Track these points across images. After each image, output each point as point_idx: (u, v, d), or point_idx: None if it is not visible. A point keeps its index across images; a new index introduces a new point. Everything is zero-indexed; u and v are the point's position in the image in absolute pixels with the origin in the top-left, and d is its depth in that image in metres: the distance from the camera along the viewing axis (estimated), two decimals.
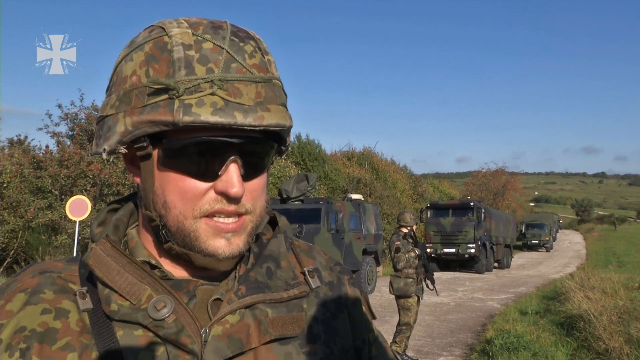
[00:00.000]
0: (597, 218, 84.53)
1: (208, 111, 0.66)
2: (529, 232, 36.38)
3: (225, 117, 0.66)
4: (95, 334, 0.70)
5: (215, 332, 0.71)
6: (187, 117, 0.65)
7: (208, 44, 0.68)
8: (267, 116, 0.68)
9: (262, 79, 0.70)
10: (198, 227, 0.71)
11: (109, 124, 0.72)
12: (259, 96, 0.69)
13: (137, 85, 0.69)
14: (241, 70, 0.69)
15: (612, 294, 9.13)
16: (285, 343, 0.75)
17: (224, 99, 0.67)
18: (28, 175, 13.34)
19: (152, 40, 0.70)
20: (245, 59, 0.69)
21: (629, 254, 27.81)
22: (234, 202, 0.71)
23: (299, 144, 24.14)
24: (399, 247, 6.46)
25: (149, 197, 0.73)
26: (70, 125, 15.61)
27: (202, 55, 0.68)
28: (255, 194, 0.74)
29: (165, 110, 0.66)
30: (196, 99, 0.66)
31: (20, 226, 12.59)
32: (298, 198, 12.53)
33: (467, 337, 8.51)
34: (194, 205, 0.70)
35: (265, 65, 0.72)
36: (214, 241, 0.71)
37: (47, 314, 0.70)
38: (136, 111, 0.68)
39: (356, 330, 0.86)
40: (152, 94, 0.68)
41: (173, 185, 0.71)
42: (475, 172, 45.66)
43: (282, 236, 0.84)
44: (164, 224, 0.72)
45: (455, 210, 20.80)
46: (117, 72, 0.73)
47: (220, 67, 0.67)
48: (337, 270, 0.90)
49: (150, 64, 0.69)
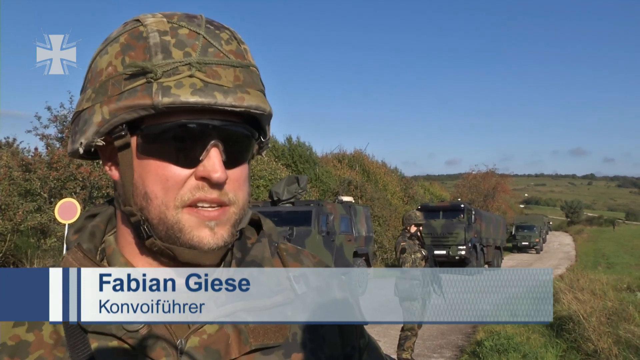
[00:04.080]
0: (587, 219, 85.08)
1: (187, 92, 0.65)
2: (519, 233, 36.51)
3: (205, 97, 0.65)
4: (69, 346, 0.68)
5: (192, 343, 0.69)
6: (167, 99, 0.64)
7: (184, 30, 0.68)
8: (247, 98, 0.68)
9: (239, 64, 0.69)
10: (181, 218, 0.68)
11: (85, 117, 0.70)
12: (238, 79, 0.68)
13: (113, 74, 0.68)
14: (219, 54, 0.68)
15: (601, 295, 9.19)
16: (267, 353, 0.72)
17: (203, 80, 0.66)
18: (17, 177, 13.22)
19: (127, 31, 0.70)
20: (222, 44, 0.69)
21: (618, 255, 28.00)
22: (216, 188, 0.69)
23: (290, 146, 24.11)
24: (405, 247, 6.21)
25: (129, 190, 0.70)
26: (59, 128, 15.49)
27: (178, 40, 0.67)
28: (236, 184, 0.72)
29: (143, 94, 0.65)
30: (175, 81, 0.65)
31: (9, 229, 12.47)
32: (289, 200, 12.52)
33: (458, 339, 8.53)
34: (175, 194, 0.68)
35: (242, 52, 0.71)
36: (199, 231, 0.69)
37: (20, 327, 0.68)
38: (113, 99, 0.67)
39: (345, 337, 0.83)
40: (129, 79, 0.66)
41: (153, 174, 0.68)
42: (466, 174, 45.80)
43: (267, 240, 0.82)
44: (145, 218, 0.70)
45: (445, 212, 20.84)
46: (92, 68, 0.72)
47: (198, 50, 0.67)
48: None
49: (126, 52, 0.68)
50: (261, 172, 18.87)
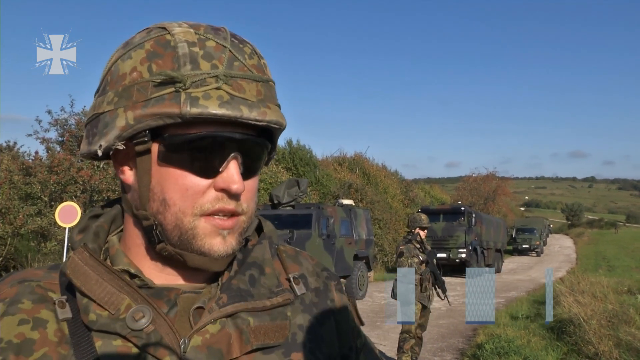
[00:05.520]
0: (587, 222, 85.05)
1: (215, 104, 0.66)
2: (520, 236, 36.44)
3: (232, 110, 0.67)
4: (73, 344, 0.68)
5: (195, 342, 0.69)
6: (195, 109, 0.66)
7: (211, 42, 0.70)
8: (269, 112, 0.70)
9: (261, 78, 0.71)
10: (197, 225, 0.70)
11: (106, 120, 0.71)
12: (260, 94, 0.71)
13: (139, 80, 0.69)
14: (243, 68, 0.70)
15: (602, 298, 9.16)
16: (268, 352, 0.74)
17: (230, 93, 0.68)
18: (17, 181, 13.23)
19: (153, 38, 0.71)
20: (246, 59, 0.71)
21: (619, 258, 27.94)
22: (233, 199, 0.71)
23: (290, 149, 24.11)
24: (403, 251, 6.20)
25: (145, 195, 0.72)
26: (60, 131, 15.51)
27: (206, 52, 0.69)
28: (249, 195, 0.75)
29: (171, 103, 0.67)
30: (202, 92, 0.67)
31: (9, 233, 12.47)
32: (289, 203, 12.52)
33: (458, 342, 8.52)
34: (194, 202, 0.70)
35: (262, 67, 0.73)
36: (211, 239, 0.71)
37: (25, 325, 0.69)
38: (139, 105, 0.68)
39: (343, 337, 0.84)
40: (157, 87, 0.68)
41: (173, 182, 0.70)
42: (466, 176, 45.82)
43: (267, 242, 0.83)
44: (159, 223, 0.71)
45: (446, 215, 20.83)
46: (112, 72, 0.73)
47: (224, 64, 0.69)
48: (324, 276, 0.88)
49: (152, 60, 0.69)
50: (261, 175, 18.84)
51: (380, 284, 16.74)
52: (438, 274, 6.41)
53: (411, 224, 6.42)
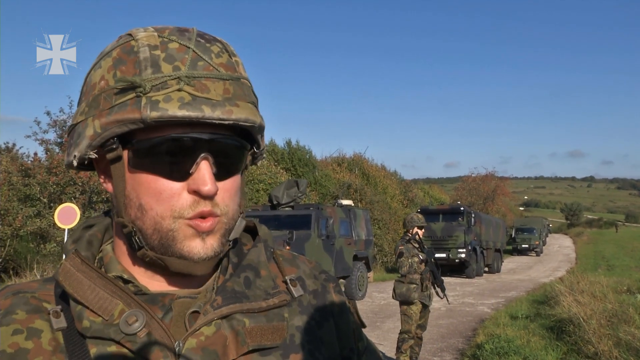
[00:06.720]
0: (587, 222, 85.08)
1: (175, 106, 0.66)
2: (519, 236, 36.47)
3: (193, 110, 0.66)
4: (68, 352, 0.68)
5: (189, 345, 0.69)
6: (155, 113, 0.65)
7: (174, 44, 0.69)
8: (235, 111, 0.68)
9: (229, 77, 0.70)
10: (176, 227, 0.70)
11: (79, 130, 0.72)
12: (227, 92, 0.69)
13: (105, 88, 0.69)
14: (208, 68, 0.69)
15: (602, 297, 9.17)
16: (265, 354, 0.73)
17: (191, 94, 0.67)
18: (16, 183, 13.24)
19: (120, 45, 0.71)
20: (212, 58, 0.70)
21: (618, 257, 27.96)
22: (207, 200, 0.70)
23: (289, 149, 24.12)
24: (402, 251, 6.20)
25: (121, 202, 0.72)
26: (58, 133, 15.51)
27: (168, 54, 0.68)
28: (227, 195, 0.73)
29: (132, 109, 0.66)
30: (163, 95, 0.66)
31: (9, 234, 12.48)
32: (288, 204, 12.51)
33: (458, 342, 8.52)
34: (170, 205, 0.69)
35: (233, 65, 0.72)
36: (190, 241, 0.70)
37: (19, 335, 0.68)
38: (104, 113, 0.68)
39: (343, 339, 0.84)
40: (119, 94, 0.68)
41: (146, 187, 0.70)
42: (465, 177, 45.83)
43: (262, 245, 0.83)
44: (139, 229, 0.71)
45: (445, 215, 20.84)
46: (87, 82, 0.74)
47: (187, 64, 0.68)
48: (322, 278, 0.87)
49: (117, 67, 0.69)
50: (261, 176, 18.88)
51: (380, 285, 16.74)
52: (437, 273, 6.41)
53: (407, 224, 6.42)
